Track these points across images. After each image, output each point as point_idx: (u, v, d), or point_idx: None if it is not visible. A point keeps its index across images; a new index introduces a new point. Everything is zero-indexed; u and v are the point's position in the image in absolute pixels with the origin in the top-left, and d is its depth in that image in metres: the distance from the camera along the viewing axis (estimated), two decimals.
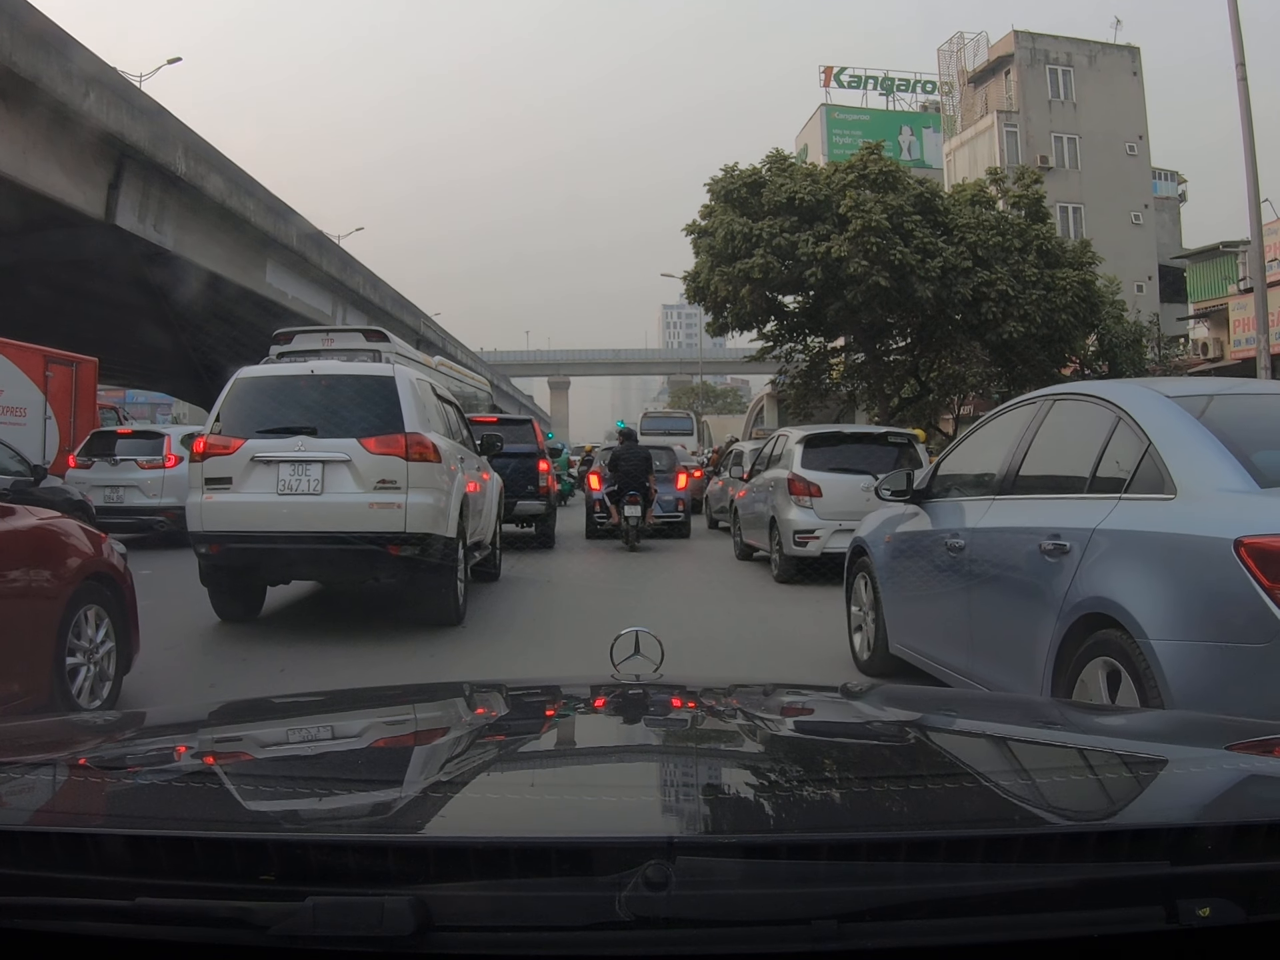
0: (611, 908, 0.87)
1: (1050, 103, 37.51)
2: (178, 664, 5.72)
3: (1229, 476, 3.02)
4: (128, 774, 1.33)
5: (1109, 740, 1.58)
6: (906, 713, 1.85)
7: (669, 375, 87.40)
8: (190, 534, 6.57)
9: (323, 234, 27.63)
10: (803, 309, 21.88)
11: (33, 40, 14.31)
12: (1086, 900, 0.92)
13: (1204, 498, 3.02)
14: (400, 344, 14.71)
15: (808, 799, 1.23)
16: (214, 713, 1.93)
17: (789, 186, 19.26)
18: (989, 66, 38.15)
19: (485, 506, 8.69)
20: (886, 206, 18.46)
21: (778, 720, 1.81)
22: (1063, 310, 19.32)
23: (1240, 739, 1.51)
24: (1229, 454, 3.09)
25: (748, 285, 19.17)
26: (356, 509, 6.29)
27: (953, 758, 1.51)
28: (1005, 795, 1.23)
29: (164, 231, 19.32)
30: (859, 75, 43.90)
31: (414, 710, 1.89)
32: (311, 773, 1.36)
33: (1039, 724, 1.76)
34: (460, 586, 7.06)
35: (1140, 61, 38.55)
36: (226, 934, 0.90)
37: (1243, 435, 3.25)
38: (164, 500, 12.24)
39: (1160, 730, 1.73)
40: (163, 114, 18.50)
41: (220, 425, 6.57)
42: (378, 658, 5.87)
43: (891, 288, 18.24)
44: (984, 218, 19.61)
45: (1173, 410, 3.40)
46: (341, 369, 7.03)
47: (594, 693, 1.93)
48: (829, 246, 18.38)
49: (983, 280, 18.83)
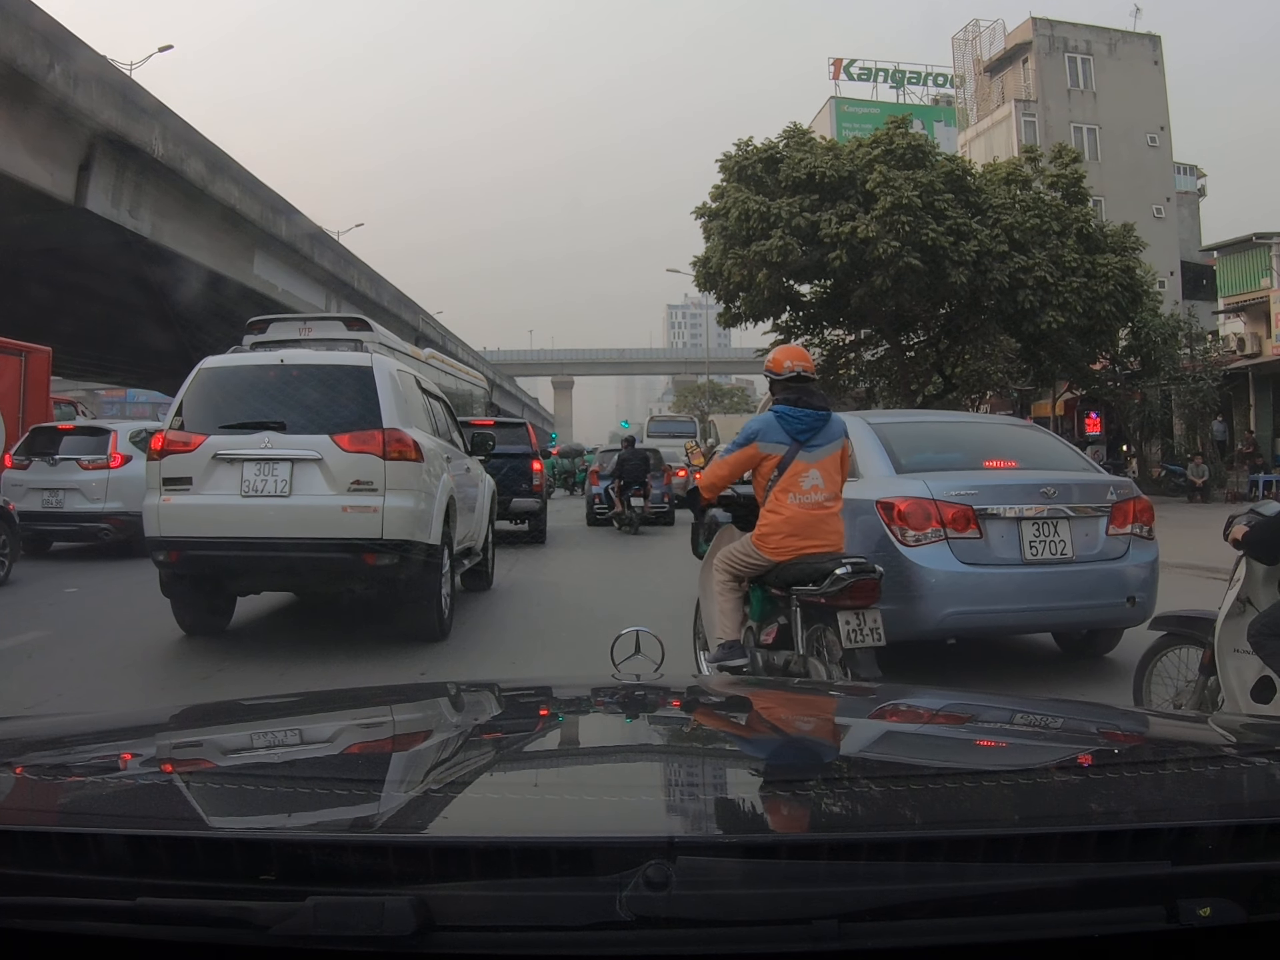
0: (612, 907, 0.87)
1: (1069, 92, 36.44)
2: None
3: (882, 467, 5.37)
4: (128, 774, 1.33)
5: (1109, 740, 1.59)
6: (906, 713, 1.85)
7: (674, 375, 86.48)
8: (146, 540, 6.02)
9: (320, 229, 26.58)
10: (819, 299, 20.43)
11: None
12: (1086, 900, 0.92)
13: (869, 479, 5.25)
14: (385, 334, 13.64)
15: (808, 799, 1.22)
16: (214, 712, 1.94)
17: (809, 162, 17.68)
18: (1006, 55, 37.07)
19: (475, 510, 8.09)
20: (917, 183, 16.97)
21: (778, 720, 1.81)
22: (1104, 299, 17.79)
23: (1240, 739, 1.53)
24: (885, 455, 5.41)
25: (764, 269, 17.51)
26: (328, 513, 5.73)
27: (953, 758, 1.51)
28: (1005, 795, 1.23)
29: (140, 217, 18.06)
30: (869, 68, 42.91)
31: (415, 710, 1.88)
32: (312, 772, 1.35)
33: (1039, 724, 1.76)
34: (445, 598, 6.47)
35: (1161, 50, 37.47)
36: (227, 934, 0.90)
37: (897, 444, 5.53)
38: (109, 505, 10.81)
39: (1160, 730, 1.70)
40: (138, 91, 17.24)
41: (181, 420, 5.98)
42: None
43: (924, 271, 16.77)
44: (1020, 198, 18.14)
45: (867, 429, 5.56)
46: (314, 358, 6.49)
47: (594, 692, 1.90)
48: (854, 226, 16.81)
49: (1019, 266, 17.32)
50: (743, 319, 20.02)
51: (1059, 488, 5.26)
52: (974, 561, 5.02)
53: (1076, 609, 5.29)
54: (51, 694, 4.95)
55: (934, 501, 5.03)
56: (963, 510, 5.01)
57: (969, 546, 5.02)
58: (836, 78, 41.55)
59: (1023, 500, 5.16)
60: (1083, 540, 5.21)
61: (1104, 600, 5.28)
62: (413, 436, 6.04)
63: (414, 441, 6.01)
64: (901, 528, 5.02)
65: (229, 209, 20.44)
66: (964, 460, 5.73)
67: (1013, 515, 5.11)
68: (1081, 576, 5.17)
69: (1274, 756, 1.37)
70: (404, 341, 15.18)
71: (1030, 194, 18.20)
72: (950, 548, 5.00)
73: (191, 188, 18.94)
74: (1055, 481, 5.32)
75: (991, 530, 5.07)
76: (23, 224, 16.42)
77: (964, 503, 5.04)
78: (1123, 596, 5.26)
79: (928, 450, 5.82)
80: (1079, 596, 5.20)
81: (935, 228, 16.72)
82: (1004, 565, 5.07)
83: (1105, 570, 5.24)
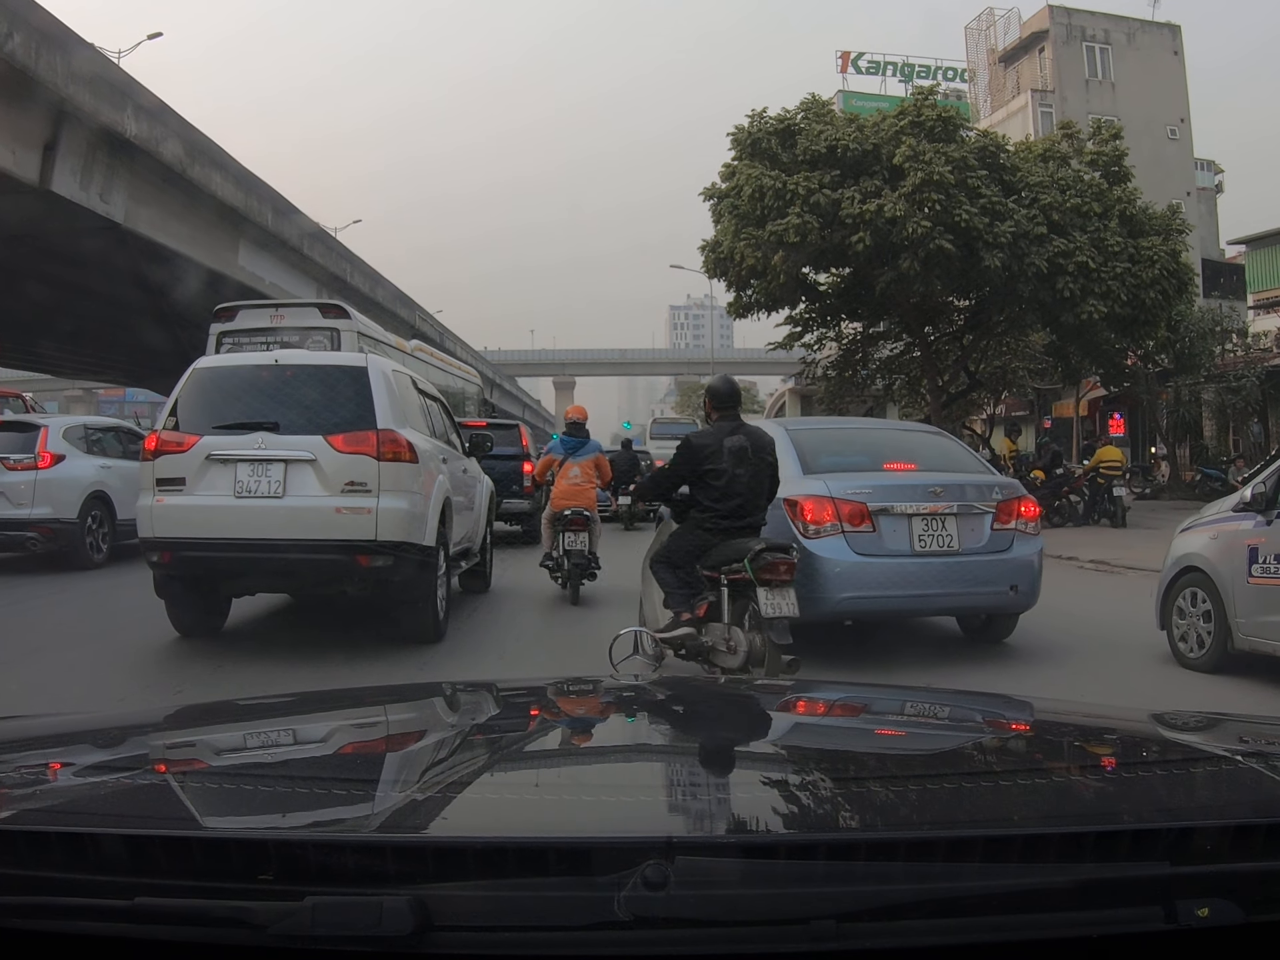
0: (610, 908, 0.86)
1: (1087, 82, 35.48)
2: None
3: (793, 469, 5.85)
4: (127, 774, 1.32)
5: (1109, 740, 1.60)
6: (905, 713, 1.84)
7: (676, 376, 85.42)
8: (140, 540, 6.05)
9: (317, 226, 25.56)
10: (837, 289, 19.08)
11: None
12: (1086, 900, 0.92)
13: (782, 480, 5.44)
14: (365, 322, 12.84)
15: (806, 799, 1.23)
16: (212, 712, 1.94)
17: (829, 134, 16.00)
18: (1021, 44, 36.06)
19: (473, 511, 8.05)
20: (949, 158, 15.36)
21: (777, 720, 1.80)
22: (1149, 286, 16.06)
23: (1240, 739, 1.54)
24: (796, 458, 6.02)
25: (781, 251, 15.78)
26: (321, 514, 5.70)
27: (952, 758, 1.51)
28: (1005, 795, 1.23)
29: (112, 202, 16.73)
30: (877, 61, 41.75)
31: (413, 710, 1.88)
32: (309, 772, 1.34)
33: (1038, 724, 1.75)
34: (441, 600, 6.45)
35: (1181, 40, 36.48)
36: (226, 934, 0.89)
37: (808, 449, 6.23)
38: (36, 511, 9.37)
39: (1160, 730, 1.71)
40: (108, 65, 16.03)
41: (175, 420, 5.97)
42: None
43: (956, 255, 15.17)
44: (1059, 176, 16.48)
45: (784, 436, 6.16)
46: (309, 358, 6.67)
47: (592, 692, 1.93)
48: (880, 204, 15.17)
49: (1059, 250, 15.63)
50: (755, 308, 18.49)
51: (947, 488, 5.91)
52: (867, 553, 5.68)
53: (962, 595, 5.92)
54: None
55: (832, 499, 5.71)
56: (858, 507, 5.70)
57: (863, 539, 5.68)
58: (844, 70, 40.33)
59: (913, 499, 5.81)
60: (969, 534, 5.84)
61: (988, 588, 5.90)
62: (407, 437, 6.00)
63: (408, 442, 5.96)
64: (804, 522, 5.69)
65: (211, 195, 19.14)
66: (867, 463, 6.37)
67: (903, 512, 5.75)
68: (966, 567, 5.80)
69: (1273, 756, 1.38)
70: (388, 333, 14.10)
71: (1070, 172, 16.76)
72: (846, 540, 5.67)
73: (169, 172, 17.61)
74: (943, 482, 5.96)
75: (884, 525, 5.72)
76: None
77: (859, 500, 5.71)
78: (1006, 585, 5.91)
79: (836, 454, 6.50)
80: (964, 584, 5.82)
81: (969, 207, 15.09)
82: (895, 556, 5.71)
83: (989, 561, 5.86)
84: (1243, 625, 5.42)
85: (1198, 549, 5.95)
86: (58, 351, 29.00)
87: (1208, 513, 6.28)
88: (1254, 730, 1.65)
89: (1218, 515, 6.02)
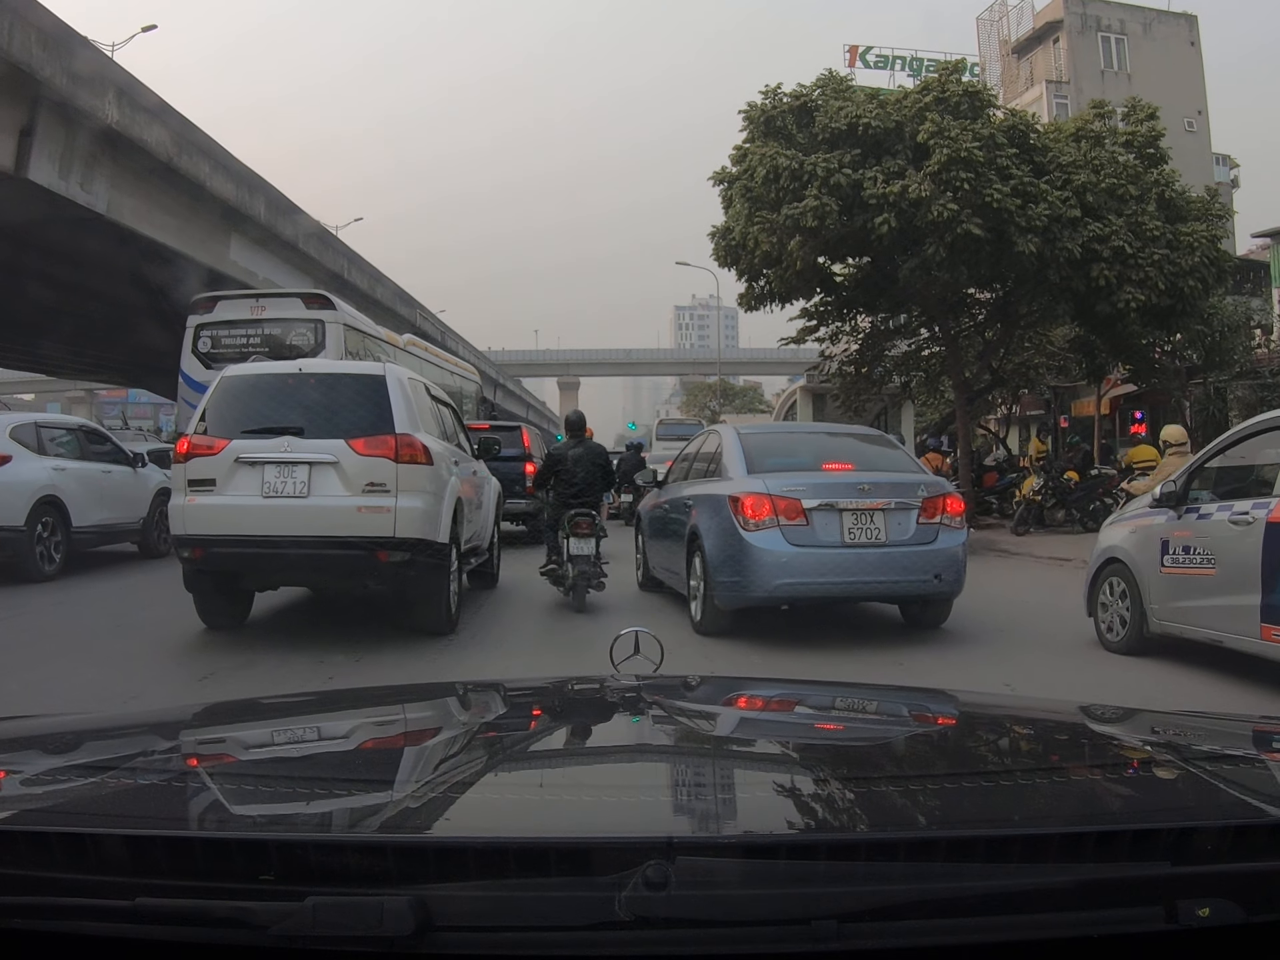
0: (611, 908, 0.86)
1: (1103, 73, 34.64)
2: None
3: (740, 469, 6.81)
4: (128, 774, 1.31)
5: (1108, 740, 1.59)
6: (904, 713, 1.84)
7: (681, 376, 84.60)
8: (172, 538, 6.43)
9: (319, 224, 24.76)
10: (854, 280, 18.10)
11: None
12: (1086, 900, 0.91)
13: (729, 479, 6.76)
14: (351, 313, 12.17)
15: (807, 799, 1.22)
16: (212, 713, 1.93)
17: (850, 110, 14.79)
18: (1034, 34, 35.21)
19: (481, 510, 8.36)
20: (976, 135, 14.17)
21: (777, 720, 1.80)
22: (1189, 274, 14.77)
23: (1240, 739, 1.54)
24: (743, 459, 6.87)
25: (797, 236, 14.50)
26: (344, 513, 6.02)
27: (952, 758, 1.51)
28: (1005, 795, 1.23)
29: (94, 191, 15.96)
30: (885, 55, 40.91)
31: (413, 710, 1.87)
32: (310, 773, 1.34)
33: (1038, 724, 1.75)
34: (453, 594, 6.80)
35: (1198, 30, 35.61)
36: (226, 934, 0.89)
37: (755, 450, 7.01)
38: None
39: (1160, 731, 1.69)
40: (85, 46, 15.18)
41: (205, 425, 6.32)
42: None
43: (985, 239, 13.98)
44: (1092, 156, 15.17)
45: (734, 438, 7.20)
46: (331, 367, 7.20)
47: (594, 692, 1.90)
48: (904, 185, 13.94)
49: (1094, 234, 14.40)
50: (768, 299, 17.41)
51: (876, 485, 6.49)
52: (801, 543, 6.28)
53: (890, 583, 6.44)
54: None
55: (770, 496, 6.36)
56: (793, 503, 6.32)
57: (797, 532, 6.30)
58: (852, 65, 39.45)
59: (844, 495, 6.40)
60: (896, 527, 6.41)
61: (914, 576, 6.43)
62: (423, 441, 6.33)
63: (424, 446, 6.31)
64: (744, 517, 6.37)
65: (200, 187, 18.40)
66: (809, 463, 7.04)
67: (835, 507, 6.36)
68: (893, 557, 6.35)
69: (1274, 757, 1.39)
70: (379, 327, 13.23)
71: (1104, 153, 15.78)
72: (782, 533, 6.30)
73: (154, 161, 16.86)
74: (872, 480, 6.54)
75: (816, 519, 6.33)
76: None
77: (794, 497, 6.34)
78: (930, 574, 6.45)
79: (781, 455, 7.25)
80: (891, 573, 6.36)
81: (1000, 187, 13.93)
82: (826, 547, 6.29)
83: (915, 552, 6.40)
84: (1156, 611, 5.87)
85: (1118, 541, 6.40)
86: (56, 351, 28.35)
87: (1130, 509, 6.80)
88: (1255, 730, 1.66)
89: (1137, 511, 6.46)
